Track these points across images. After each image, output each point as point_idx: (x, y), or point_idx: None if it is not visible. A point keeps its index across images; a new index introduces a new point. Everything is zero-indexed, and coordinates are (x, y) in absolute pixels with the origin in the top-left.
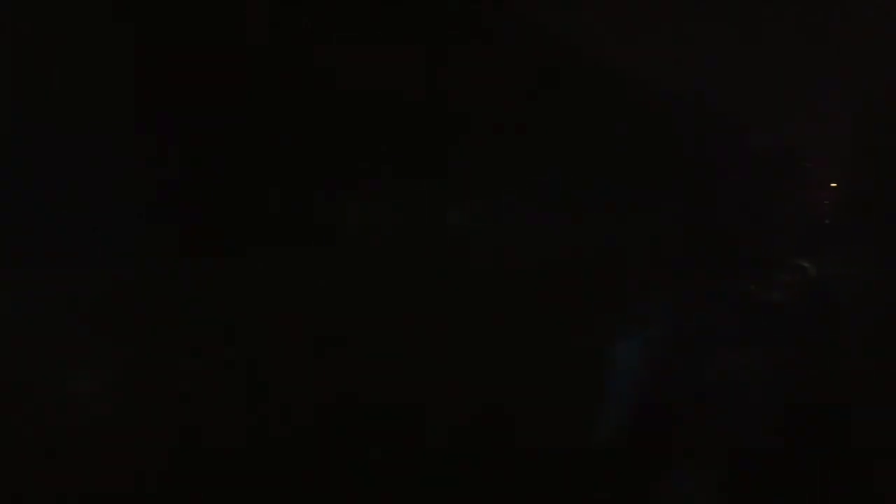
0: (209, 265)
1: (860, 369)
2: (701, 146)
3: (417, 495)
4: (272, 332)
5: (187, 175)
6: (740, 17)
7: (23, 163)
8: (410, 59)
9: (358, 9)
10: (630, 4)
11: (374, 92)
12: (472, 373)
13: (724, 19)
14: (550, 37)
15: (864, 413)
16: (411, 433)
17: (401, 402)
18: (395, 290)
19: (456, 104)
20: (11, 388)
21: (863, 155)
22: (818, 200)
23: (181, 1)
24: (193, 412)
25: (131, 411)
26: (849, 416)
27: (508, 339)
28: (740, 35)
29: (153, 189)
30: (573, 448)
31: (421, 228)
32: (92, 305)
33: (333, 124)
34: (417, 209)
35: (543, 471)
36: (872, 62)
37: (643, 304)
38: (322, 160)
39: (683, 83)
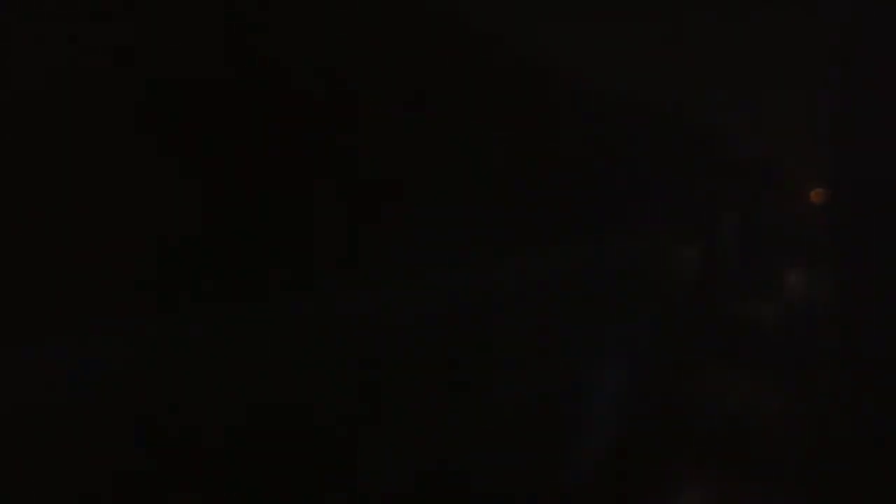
0: None
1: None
2: (682, 156)
3: None
4: None
5: None
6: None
7: None
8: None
9: None
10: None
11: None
12: None
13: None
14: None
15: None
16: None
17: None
18: None
19: None
20: None
21: (838, 163)
22: (800, 210)
23: None
24: None
25: None
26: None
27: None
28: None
29: None
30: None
31: None
32: None
33: None
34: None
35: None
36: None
37: (624, 318)
38: None
39: (674, 92)
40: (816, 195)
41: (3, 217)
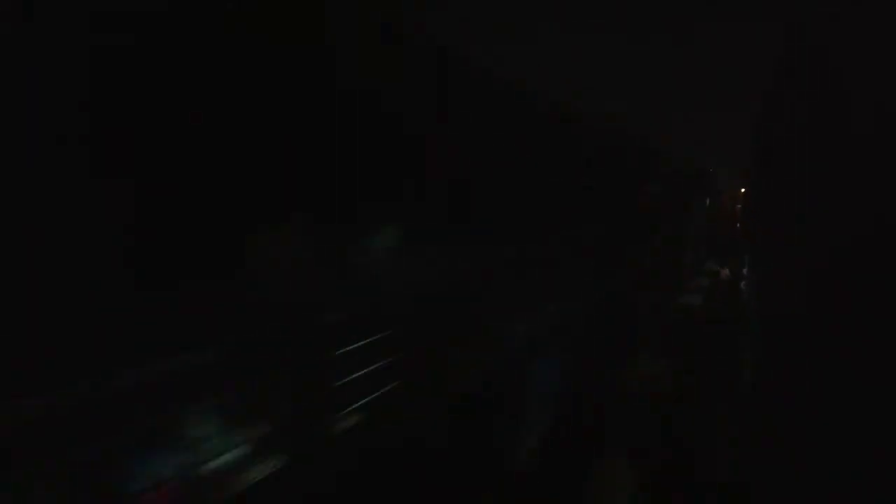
0: None
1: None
2: (622, 165)
3: None
4: None
5: None
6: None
7: None
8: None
9: None
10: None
11: None
12: None
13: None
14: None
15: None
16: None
17: None
18: None
19: None
20: None
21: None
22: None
23: None
24: None
25: None
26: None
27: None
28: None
29: None
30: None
31: None
32: None
33: None
34: None
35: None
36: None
37: (565, 314)
38: None
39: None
40: (739, 198)
41: None
